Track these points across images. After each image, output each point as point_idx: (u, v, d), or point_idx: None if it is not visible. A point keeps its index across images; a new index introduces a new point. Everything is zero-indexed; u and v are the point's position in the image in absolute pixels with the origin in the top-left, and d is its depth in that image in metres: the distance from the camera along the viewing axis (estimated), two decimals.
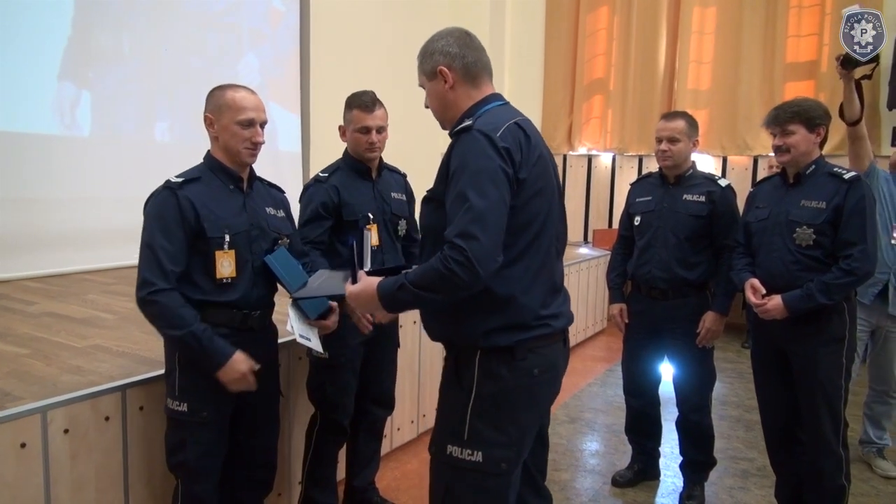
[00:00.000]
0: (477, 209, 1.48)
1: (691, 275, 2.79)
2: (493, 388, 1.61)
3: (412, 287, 1.53)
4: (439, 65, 1.68)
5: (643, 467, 3.12)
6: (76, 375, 2.21)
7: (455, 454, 1.62)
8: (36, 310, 3.21)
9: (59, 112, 4.21)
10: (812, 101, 2.48)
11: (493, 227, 1.49)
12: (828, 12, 6.03)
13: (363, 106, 2.42)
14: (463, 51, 1.69)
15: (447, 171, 1.59)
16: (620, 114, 7.10)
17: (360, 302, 1.68)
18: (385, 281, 1.61)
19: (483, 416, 1.61)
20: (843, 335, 2.42)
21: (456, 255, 1.46)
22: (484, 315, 1.60)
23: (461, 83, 1.69)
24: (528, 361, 1.62)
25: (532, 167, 1.60)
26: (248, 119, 1.99)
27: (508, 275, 1.59)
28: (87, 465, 2.01)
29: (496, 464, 1.61)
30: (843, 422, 2.46)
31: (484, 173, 1.51)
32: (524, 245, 1.61)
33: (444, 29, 1.74)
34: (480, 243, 1.46)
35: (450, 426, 1.65)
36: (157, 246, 1.90)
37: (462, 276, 1.46)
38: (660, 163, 2.88)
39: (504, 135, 1.56)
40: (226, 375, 1.92)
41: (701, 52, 6.67)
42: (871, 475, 3.23)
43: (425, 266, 1.53)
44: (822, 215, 2.37)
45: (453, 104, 1.70)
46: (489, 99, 1.70)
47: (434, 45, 1.71)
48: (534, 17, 7.60)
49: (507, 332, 1.61)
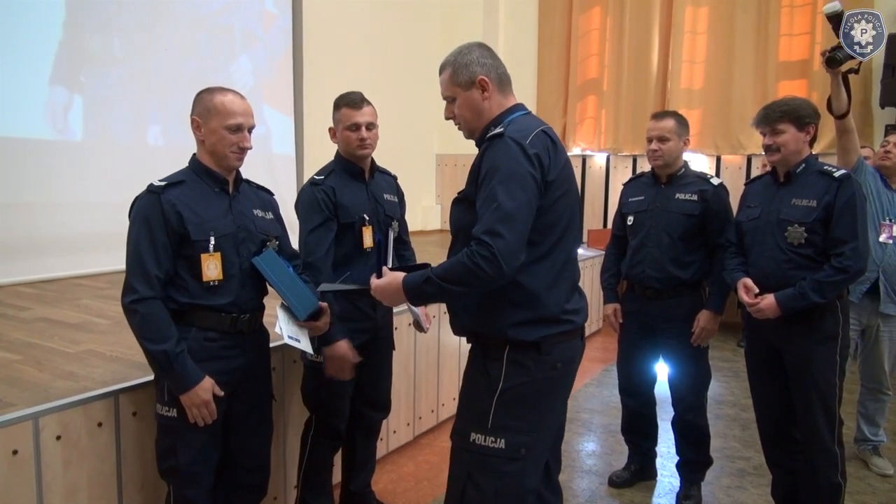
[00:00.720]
0: (505, 209, 1.58)
1: (685, 274, 2.79)
2: (519, 380, 1.72)
3: (438, 280, 1.63)
4: (479, 75, 1.77)
5: (640, 467, 3.12)
6: (69, 381, 2.20)
7: (478, 441, 1.72)
8: (29, 315, 3.19)
9: (52, 116, 4.19)
10: (801, 100, 2.48)
11: (518, 226, 1.60)
12: (820, 11, 6.05)
13: (351, 103, 2.43)
14: (495, 62, 1.81)
15: (477, 174, 1.69)
16: (614, 114, 7.11)
17: (386, 295, 1.76)
18: (411, 275, 1.71)
19: (508, 406, 1.72)
20: (837, 333, 2.42)
21: (482, 250, 1.57)
22: (513, 309, 1.70)
23: (496, 93, 1.80)
24: (553, 356, 1.73)
25: (559, 171, 1.72)
26: (237, 124, 1.99)
27: (537, 271, 1.70)
28: (80, 471, 2.00)
29: (517, 449, 1.71)
30: (838, 420, 2.46)
31: (513, 177, 1.61)
32: (551, 243, 1.72)
33: (466, 43, 1.83)
34: (506, 240, 1.57)
35: (475, 415, 1.75)
36: (141, 250, 1.90)
37: (487, 271, 1.56)
38: (651, 162, 2.88)
39: (533, 142, 1.67)
40: (188, 400, 1.92)
41: (694, 51, 6.68)
42: (868, 473, 3.23)
43: (452, 260, 1.64)
44: (814, 214, 2.37)
45: (487, 113, 1.80)
46: (514, 108, 1.82)
47: (467, 56, 1.79)
48: (526, 18, 7.61)
49: (534, 326, 1.71)
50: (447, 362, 3.75)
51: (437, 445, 3.54)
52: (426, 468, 3.28)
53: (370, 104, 2.48)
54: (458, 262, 1.61)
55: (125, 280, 1.90)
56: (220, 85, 2.10)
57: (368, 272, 2.48)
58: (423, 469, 3.27)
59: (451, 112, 1.85)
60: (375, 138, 2.51)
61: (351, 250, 2.47)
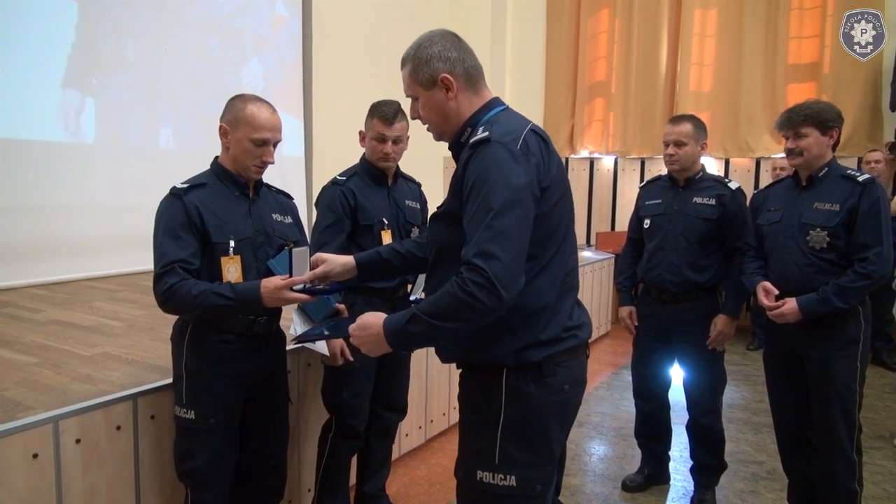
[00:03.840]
0: (498, 226, 1.36)
1: (701, 277, 2.79)
2: (522, 409, 1.50)
3: (426, 317, 1.40)
4: (441, 72, 1.54)
5: (653, 471, 3.11)
6: (86, 384, 2.20)
7: (486, 479, 1.50)
8: (43, 318, 3.20)
9: (64, 119, 4.21)
10: (824, 104, 2.46)
11: (515, 245, 1.38)
12: (829, 14, 6.03)
13: (383, 117, 2.43)
14: (462, 55, 1.57)
15: (461, 186, 1.47)
16: (622, 116, 7.10)
17: (365, 341, 1.51)
18: (392, 316, 1.47)
19: (514, 439, 1.50)
20: (858, 338, 2.40)
21: (475, 276, 1.35)
22: (511, 335, 1.49)
23: (463, 90, 1.56)
24: (557, 377, 1.52)
25: (554, 174, 1.51)
26: (263, 139, 2.00)
27: (536, 288, 1.48)
28: (99, 475, 2.00)
29: (531, 486, 1.51)
30: (858, 426, 2.44)
31: (506, 187, 1.39)
32: (550, 255, 1.51)
33: (428, 32, 1.59)
34: (502, 262, 1.35)
35: (478, 450, 1.53)
36: (168, 250, 1.90)
37: (483, 300, 1.34)
38: (667, 167, 2.88)
39: (525, 144, 1.45)
40: (270, 302, 1.88)
41: (702, 54, 6.67)
42: (882, 478, 3.21)
43: (440, 293, 1.40)
44: (836, 218, 2.35)
45: (455, 113, 1.57)
46: (491, 104, 1.59)
47: (428, 50, 1.56)
48: (534, 20, 7.61)
49: (537, 347, 1.50)
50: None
51: (450, 449, 3.53)
52: (439, 471, 3.27)
53: (404, 118, 2.46)
54: (448, 294, 1.37)
55: (154, 278, 1.90)
56: (235, 93, 2.11)
57: None
58: (435, 472, 3.27)
59: (416, 112, 1.63)
60: (402, 151, 2.53)
61: None
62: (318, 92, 6.01)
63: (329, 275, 1.90)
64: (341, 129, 4.93)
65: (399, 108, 2.45)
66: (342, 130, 4.71)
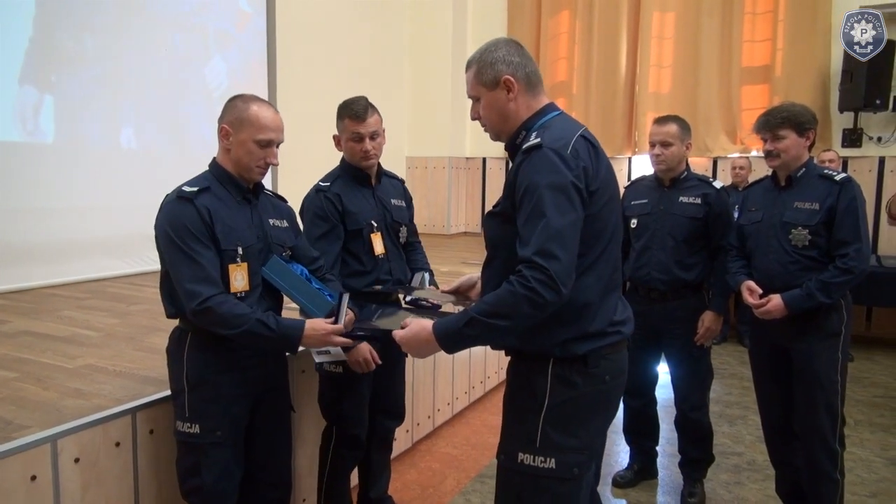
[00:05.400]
0: (555, 227, 1.47)
1: (689, 276, 2.85)
2: (565, 397, 1.61)
3: (484, 318, 1.50)
4: (504, 74, 1.64)
5: (643, 467, 3.16)
6: (79, 399, 2.09)
7: (527, 461, 1.61)
8: (10, 328, 3.02)
9: (21, 118, 3.97)
10: (800, 107, 2.52)
11: (570, 245, 1.49)
12: (780, 19, 6.27)
13: (354, 115, 2.36)
14: (524, 60, 1.67)
15: (513, 189, 1.57)
16: (584, 116, 7.18)
17: (413, 347, 1.63)
18: (443, 321, 1.58)
19: (556, 424, 1.61)
20: (840, 331, 2.49)
21: (538, 274, 1.45)
22: (559, 325, 1.58)
23: (523, 93, 1.67)
24: (601, 368, 1.62)
25: (602, 177, 1.60)
26: (268, 140, 1.94)
27: (584, 284, 1.58)
28: (99, 495, 1.91)
29: (569, 469, 1.61)
30: (840, 418, 2.53)
31: (559, 191, 1.50)
32: (598, 252, 1.61)
33: (493, 40, 1.71)
34: (561, 262, 1.46)
35: (521, 434, 1.64)
36: (194, 255, 1.82)
37: (545, 296, 1.45)
38: (654, 167, 2.93)
39: (574, 151, 1.55)
40: (310, 342, 1.90)
41: (661, 56, 6.83)
42: (854, 465, 3.35)
43: (498, 293, 1.50)
44: (817, 216, 2.44)
45: (514, 115, 1.67)
46: (546, 109, 1.69)
47: (493, 54, 1.66)
48: (495, 20, 7.63)
49: (583, 340, 1.60)
50: (442, 366, 3.73)
51: (437, 451, 3.51)
52: (429, 475, 3.25)
53: (375, 111, 2.42)
54: (508, 292, 1.47)
55: (182, 287, 1.81)
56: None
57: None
58: (426, 476, 3.24)
59: (476, 112, 1.73)
60: (381, 146, 2.46)
61: (363, 258, 2.44)
62: (282, 90, 5.87)
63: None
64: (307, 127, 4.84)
65: (367, 102, 2.40)
66: (308, 129, 4.62)
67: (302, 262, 2.19)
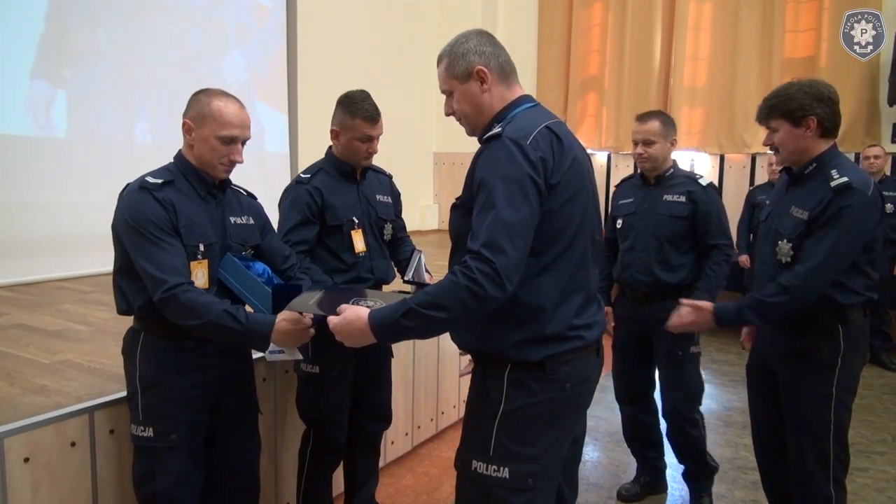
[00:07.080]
0: (505, 220, 1.40)
1: (673, 278, 2.66)
2: (522, 403, 1.53)
3: (422, 310, 1.41)
4: (476, 65, 1.59)
5: (650, 480, 2.97)
6: (40, 396, 2.04)
7: (480, 470, 1.54)
8: (5, 321, 3.03)
9: (33, 112, 4.02)
10: (795, 88, 2.03)
11: (520, 240, 1.41)
12: (826, 7, 5.91)
13: (369, 117, 2.30)
14: (496, 50, 1.62)
15: (472, 180, 1.52)
16: (615, 112, 6.96)
17: (347, 335, 1.52)
18: (379, 310, 1.48)
19: (511, 432, 1.53)
20: (835, 363, 2.05)
21: (483, 266, 1.38)
22: (514, 326, 1.51)
23: (496, 84, 1.61)
24: (560, 375, 1.53)
25: (565, 171, 1.51)
26: (231, 136, 1.85)
27: (541, 284, 1.50)
28: (51, 496, 1.85)
29: (523, 479, 1.52)
30: (835, 457, 2.10)
31: (514, 183, 1.43)
32: (558, 251, 1.52)
33: (464, 32, 1.64)
34: (508, 257, 1.39)
35: (475, 441, 1.57)
36: (160, 243, 1.75)
37: (487, 289, 1.37)
38: (639, 165, 2.78)
39: (535, 142, 1.47)
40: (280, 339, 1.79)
41: (697, 48, 6.53)
42: (887, 485, 3.09)
43: (440, 283, 1.43)
44: (800, 228, 2.01)
45: (488, 107, 1.61)
46: (520, 101, 1.62)
47: (464, 45, 1.60)
48: (526, 14, 7.46)
49: (539, 344, 1.51)
50: (447, 368, 3.60)
51: (437, 456, 3.38)
52: (426, 481, 3.13)
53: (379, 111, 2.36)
54: (451, 282, 1.40)
55: (148, 277, 1.73)
56: (215, 85, 1.97)
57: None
58: (422, 482, 3.12)
59: (450, 107, 1.67)
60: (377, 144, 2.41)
61: (343, 255, 2.34)
62: (303, 85, 5.83)
63: None
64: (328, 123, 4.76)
65: (374, 103, 2.33)
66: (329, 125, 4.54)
67: (272, 260, 2.10)
